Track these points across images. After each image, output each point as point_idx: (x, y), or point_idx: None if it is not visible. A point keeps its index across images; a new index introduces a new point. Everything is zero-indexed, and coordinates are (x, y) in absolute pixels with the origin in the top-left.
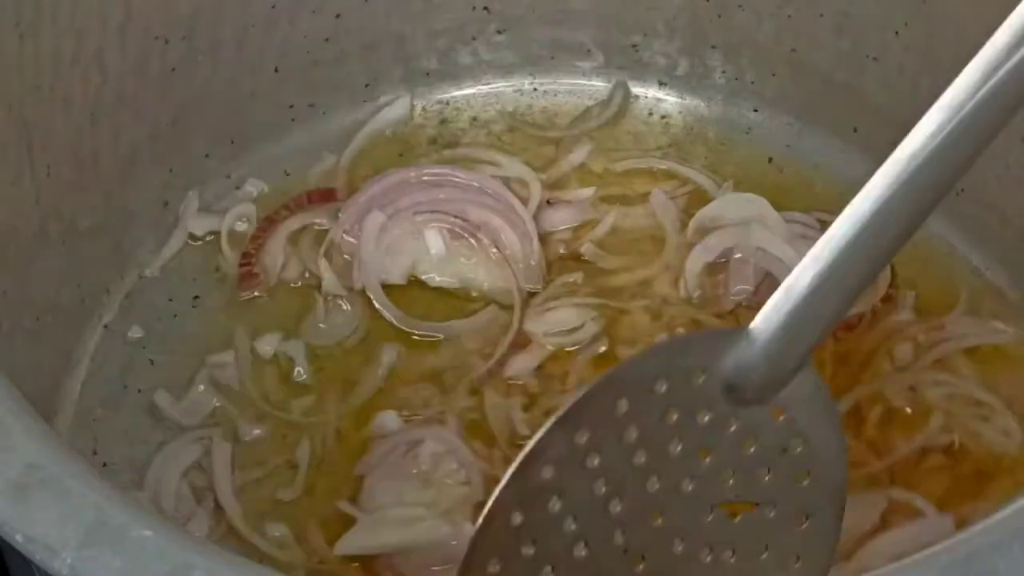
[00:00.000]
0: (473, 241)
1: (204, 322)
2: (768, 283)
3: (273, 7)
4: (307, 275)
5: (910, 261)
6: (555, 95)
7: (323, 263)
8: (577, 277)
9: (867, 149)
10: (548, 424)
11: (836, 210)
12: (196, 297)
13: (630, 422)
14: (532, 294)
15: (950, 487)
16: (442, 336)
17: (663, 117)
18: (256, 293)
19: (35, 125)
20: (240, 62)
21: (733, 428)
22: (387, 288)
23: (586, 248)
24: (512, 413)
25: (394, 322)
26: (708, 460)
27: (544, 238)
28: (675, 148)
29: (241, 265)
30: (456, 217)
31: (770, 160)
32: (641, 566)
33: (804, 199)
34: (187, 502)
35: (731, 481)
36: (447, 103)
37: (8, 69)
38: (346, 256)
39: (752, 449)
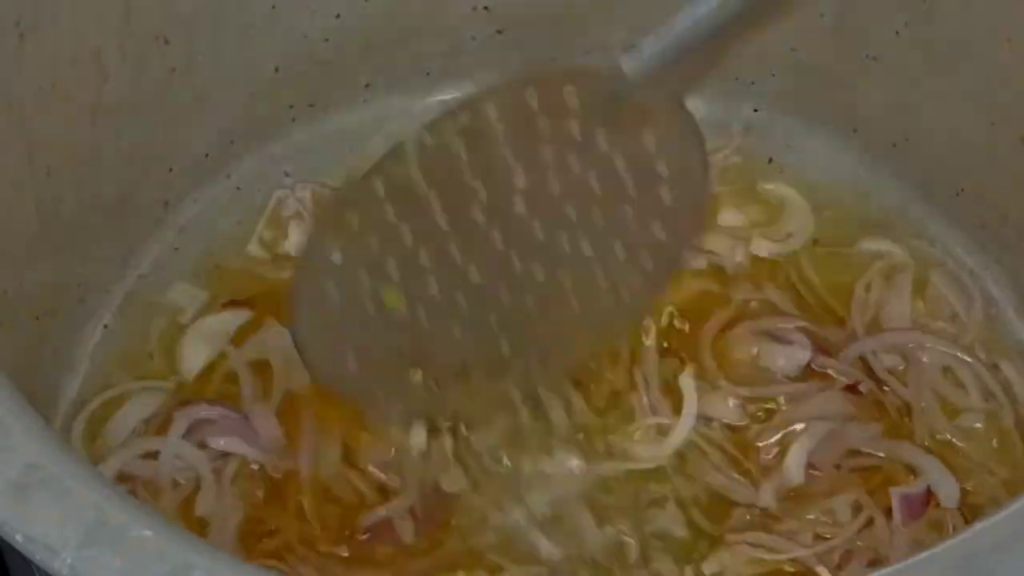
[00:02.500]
0: None
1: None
2: None
3: (273, 7)
4: None
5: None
6: None
7: None
8: None
9: (867, 149)
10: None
11: None
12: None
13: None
14: None
15: None
16: None
17: None
18: None
19: (35, 125)
20: (240, 62)
21: (603, 143)
22: None
23: None
24: None
25: None
26: (578, 166)
27: None
28: None
29: None
30: None
31: (770, 160)
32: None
33: (804, 199)
34: None
35: (598, 185)
36: (447, 103)
37: (8, 69)
38: None
39: (621, 162)
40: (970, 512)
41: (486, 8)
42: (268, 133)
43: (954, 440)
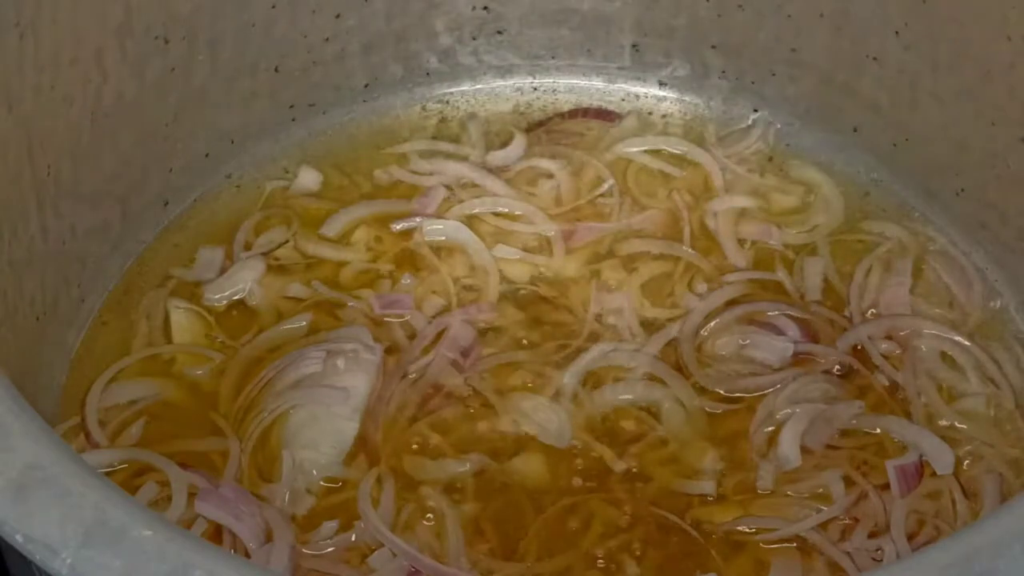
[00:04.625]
0: None
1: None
2: None
3: (273, 7)
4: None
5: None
6: (555, 94)
7: None
8: None
9: (867, 149)
10: None
11: None
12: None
13: None
14: None
15: None
16: None
17: (663, 117)
18: None
19: (35, 125)
20: (240, 62)
21: None
22: None
23: None
24: None
25: None
26: None
27: None
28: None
29: None
30: None
31: (770, 159)
32: None
33: (804, 198)
34: None
35: None
36: (447, 102)
37: (8, 69)
38: None
39: None
40: (967, 482)
41: (486, 8)
42: (268, 133)
43: (955, 423)
